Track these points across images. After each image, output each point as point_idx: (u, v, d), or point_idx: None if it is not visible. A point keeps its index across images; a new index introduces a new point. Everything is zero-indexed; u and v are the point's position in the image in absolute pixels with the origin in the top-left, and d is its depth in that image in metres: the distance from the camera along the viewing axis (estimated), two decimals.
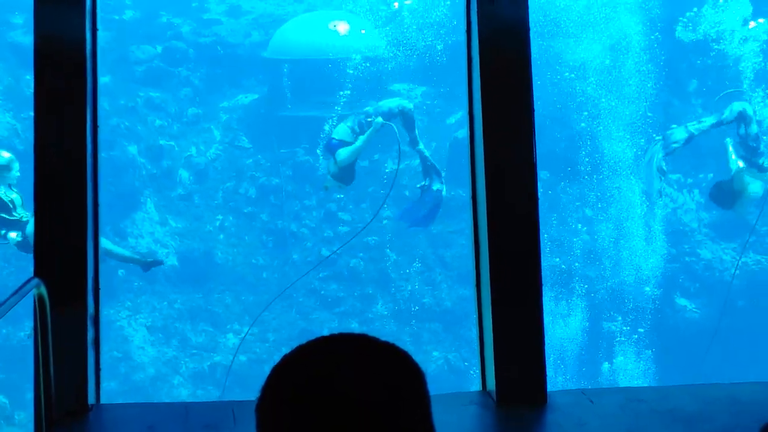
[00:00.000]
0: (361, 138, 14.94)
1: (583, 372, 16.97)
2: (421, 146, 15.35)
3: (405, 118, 15.20)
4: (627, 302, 17.45)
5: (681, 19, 18.77)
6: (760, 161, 14.96)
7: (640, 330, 17.32)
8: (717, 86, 18.80)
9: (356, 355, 1.83)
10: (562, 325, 17.11)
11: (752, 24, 18.20)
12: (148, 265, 15.08)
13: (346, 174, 15.20)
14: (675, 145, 15.60)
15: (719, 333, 16.68)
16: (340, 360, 1.81)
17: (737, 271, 17.14)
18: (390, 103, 15.34)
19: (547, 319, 5.74)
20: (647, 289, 17.54)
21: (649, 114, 18.09)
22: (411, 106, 15.40)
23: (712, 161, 17.82)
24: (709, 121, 15.66)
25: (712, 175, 17.50)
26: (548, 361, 5.69)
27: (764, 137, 15.22)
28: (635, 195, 18.08)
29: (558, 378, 16.45)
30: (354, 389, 1.76)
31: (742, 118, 15.11)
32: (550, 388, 5.66)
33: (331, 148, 15.17)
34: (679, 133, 15.65)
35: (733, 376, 14.54)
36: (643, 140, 17.75)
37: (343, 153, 14.92)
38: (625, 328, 17.34)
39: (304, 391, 1.77)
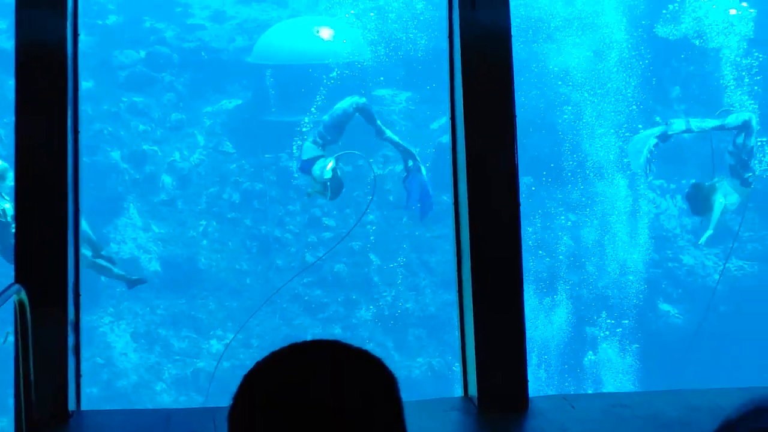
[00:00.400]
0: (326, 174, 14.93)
1: (566, 369, 17.00)
2: (389, 133, 15.37)
3: (363, 113, 15.24)
4: (610, 302, 17.49)
5: (663, 11, 18.80)
6: (746, 175, 14.88)
7: (624, 322, 17.35)
8: (700, 92, 18.89)
9: (329, 362, 1.82)
10: (546, 323, 17.14)
11: (732, 11, 18.21)
12: (133, 282, 15.28)
13: (332, 187, 15.20)
14: (671, 133, 15.56)
15: (703, 338, 16.73)
16: (313, 367, 1.80)
17: (721, 277, 17.19)
18: (343, 105, 15.33)
19: (530, 317, 5.75)
20: (631, 292, 17.59)
21: (634, 107, 18.15)
22: (363, 100, 15.41)
23: (695, 167, 17.89)
24: (712, 122, 15.59)
25: (694, 180, 17.53)
26: (530, 357, 5.71)
27: (758, 150, 15.11)
28: (619, 200, 18.14)
29: (541, 372, 16.50)
30: (327, 396, 1.76)
31: (745, 127, 15.01)
32: (532, 384, 5.67)
33: (305, 168, 15.22)
34: (678, 124, 15.62)
35: (716, 382, 14.61)
36: (628, 138, 17.84)
37: (317, 170, 14.95)
38: (609, 321, 17.38)
39: (276, 398, 1.77)
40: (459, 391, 5.87)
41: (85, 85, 18.61)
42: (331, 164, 14.83)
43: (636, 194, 18.23)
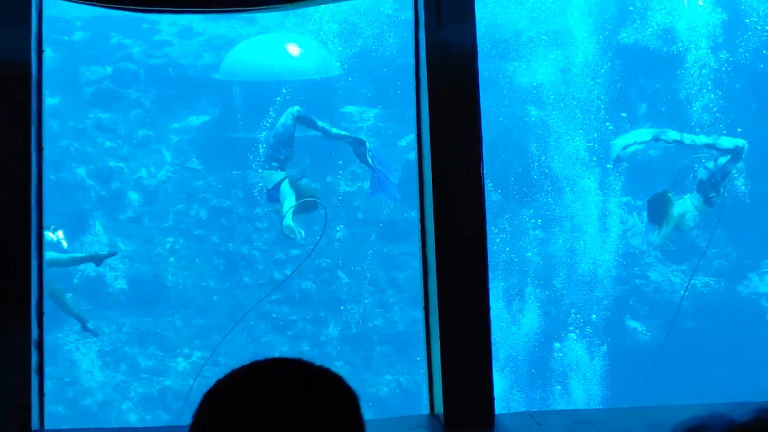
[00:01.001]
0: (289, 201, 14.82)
1: (534, 376, 17.06)
2: (335, 130, 15.29)
3: (302, 120, 15.14)
4: (578, 319, 17.55)
5: (630, 8, 18.93)
6: (711, 195, 14.69)
7: (593, 317, 17.41)
8: (666, 108, 19.03)
9: (290, 381, 1.81)
10: (513, 335, 17.20)
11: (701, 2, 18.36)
12: (86, 328, 15.19)
13: (305, 205, 15.10)
14: (663, 137, 15.41)
15: (669, 355, 16.78)
16: (274, 385, 1.79)
17: (686, 293, 17.27)
18: (281, 120, 15.20)
19: (497, 332, 5.75)
20: (599, 308, 17.66)
21: (608, 125, 18.27)
22: (297, 108, 15.27)
23: (662, 184, 17.98)
24: (704, 140, 15.34)
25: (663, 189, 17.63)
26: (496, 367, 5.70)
27: (730, 174, 14.95)
28: (587, 216, 18.22)
29: (507, 373, 16.56)
30: (288, 414, 1.75)
31: (736, 152, 14.74)
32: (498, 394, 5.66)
33: (273, 196, 15.10)
34: (672, 134, 15.48)
35: (682, 398, 14.65)
36: (594, 158, 17.98)
37: (286, 198, 14.83)
38: (577, 316, 17.44)
39: (237, 416, 1.76)
40: (426, 409, 5.85)
41: (51, 101, 18.55)
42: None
43: (604, 211, 18.31)
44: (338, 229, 18.61)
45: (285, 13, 19.65)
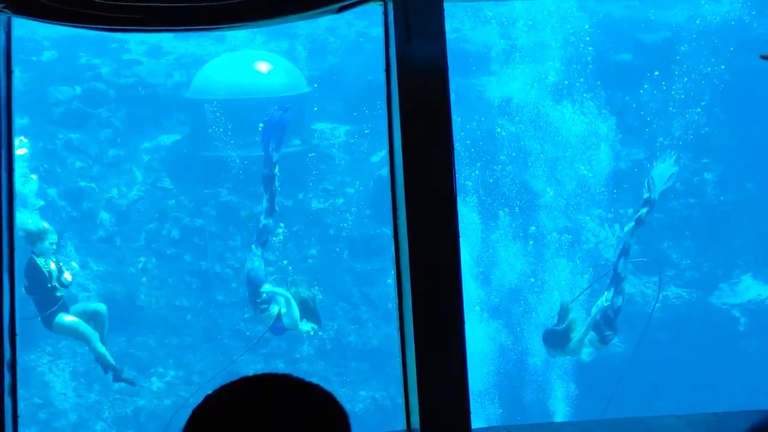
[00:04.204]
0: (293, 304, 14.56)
1: (507, 393, 17.11)
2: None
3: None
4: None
5: (599, 22, 19.03)
6: (607, 333, 14.72)
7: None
8: (636, 123, 19.15)
9: (281, 396, 1.81)
10: (487, 352, 17.24)
11: None
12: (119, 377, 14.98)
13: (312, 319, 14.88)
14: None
15: (643, 366, 16.84)
16: (266, 401, 1.79)
17: (658, 305, 17.34)
18: (248, 266, 14.61)
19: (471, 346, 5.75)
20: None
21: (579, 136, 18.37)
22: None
23: (632, 197, 18.09)
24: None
25: (632, 210, 17.73)
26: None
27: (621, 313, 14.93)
28: (559, 230, 18.29)
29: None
30: (279, 429, 1.75)
31: (616, 280, 14.65)
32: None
33: (278, 331, 14.85)
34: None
35: (654, 410, 14.68)
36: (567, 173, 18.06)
37: (290, 322, 14.61)
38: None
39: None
40: (402, 424, 5.85)
41: (20, 122, 18.45)
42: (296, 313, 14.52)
43: (576, 224, 18.39)
44: (311, 246, 18.59)
45: (254, 30, 19.66)
